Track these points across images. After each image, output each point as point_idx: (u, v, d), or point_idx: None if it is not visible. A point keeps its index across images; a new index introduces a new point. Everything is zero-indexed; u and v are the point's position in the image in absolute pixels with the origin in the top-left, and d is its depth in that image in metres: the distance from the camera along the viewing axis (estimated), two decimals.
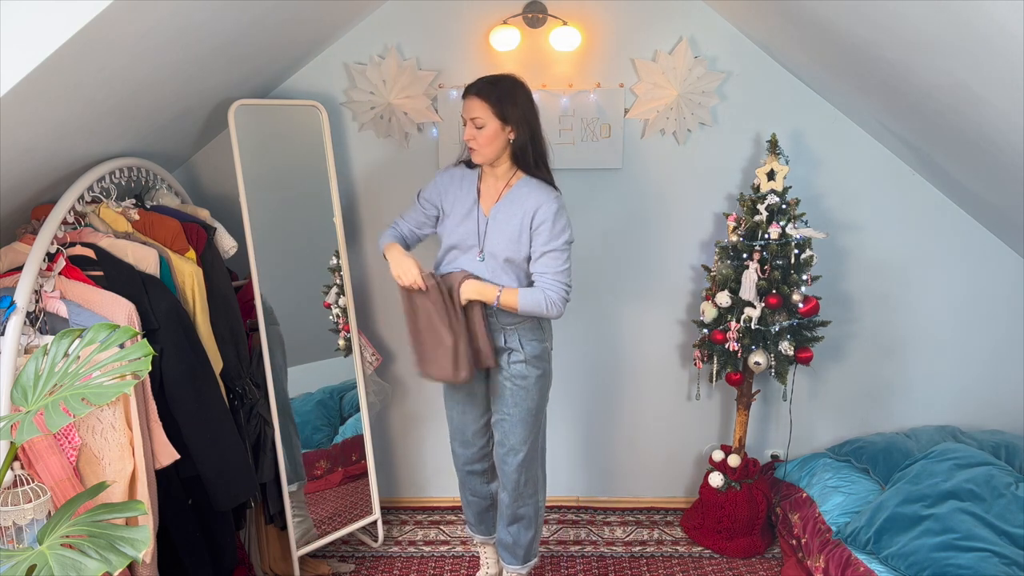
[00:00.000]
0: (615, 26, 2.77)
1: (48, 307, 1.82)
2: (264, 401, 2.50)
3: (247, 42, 2.20)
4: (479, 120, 2.13)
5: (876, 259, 2.95)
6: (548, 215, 2.14)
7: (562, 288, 2.17)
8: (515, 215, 2.17)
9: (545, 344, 2.32)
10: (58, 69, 1.48)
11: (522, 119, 2.14)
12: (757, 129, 2.85)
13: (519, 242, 2.17)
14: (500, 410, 2.34)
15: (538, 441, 2.40)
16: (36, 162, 1.84)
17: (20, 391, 1.43)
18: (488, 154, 2.17)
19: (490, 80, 2.15)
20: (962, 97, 2.04)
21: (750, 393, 2.88)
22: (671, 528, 3.09)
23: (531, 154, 2.18)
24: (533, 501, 2.44)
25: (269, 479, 2.52)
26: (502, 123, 2.13)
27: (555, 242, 2.15)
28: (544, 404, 2.37)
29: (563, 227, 2.16)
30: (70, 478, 1.72)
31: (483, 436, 2.46)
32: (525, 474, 2.38)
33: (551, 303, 2.16)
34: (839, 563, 2.41)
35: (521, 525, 2.47)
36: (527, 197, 2.17)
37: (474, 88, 2.15)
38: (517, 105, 2.13)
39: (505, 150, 2.18)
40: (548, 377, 2.36)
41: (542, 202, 2.15)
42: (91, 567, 1.27)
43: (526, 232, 2.16)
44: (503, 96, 2.12)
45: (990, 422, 3.05)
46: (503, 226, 2.19)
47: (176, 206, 2.43)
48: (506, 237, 2.18)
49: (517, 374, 2.28)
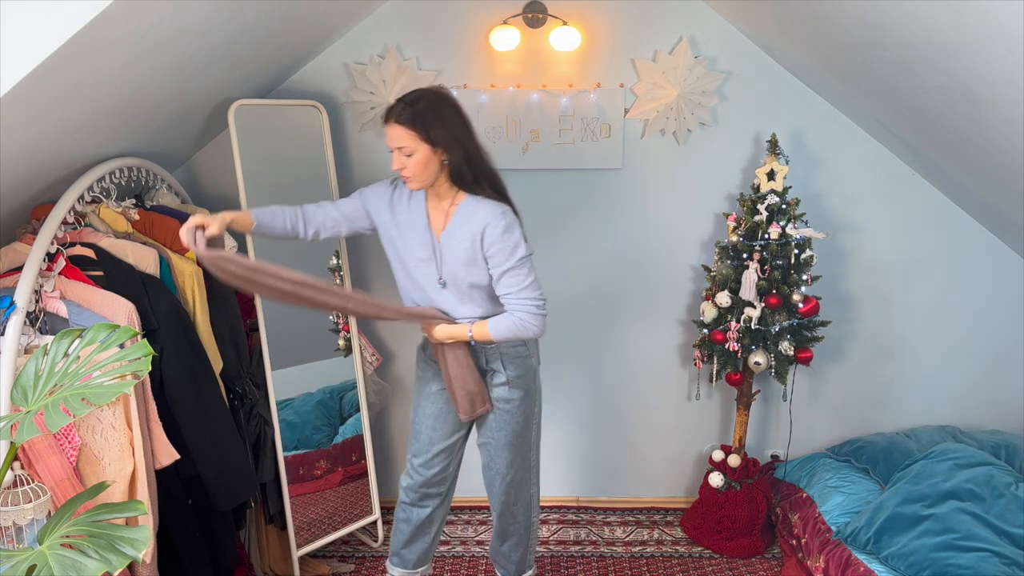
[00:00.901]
0: (615, 26, 2.77)
1: (48, 307, 1.82)
2: (264, 401, 2.50)
3: (247, 42, 2.20)
4: (406, 149, 1.94)
5: (876, 259, 2.95)
6: (496, 235, 1.98)
7: (532, 305, 2.04)
8: (464, 239, 2.02)
9: (529, 361, 2.19)
10: (58, 69, 1.48)
11: (452, 139, 1.95)
12: (757, 129, 2.85)
13: (476, 266, 2.03)
14: (483, 433, 2.25)
15: (528, 460, 2.29)
16: (36, 162, 1.84)
17: (20, 391, 1.43)
18: (424, 180, 1.99)
19: (409, 101, 1.94)
20: (962, 97, 2.04)
21: (750, 393, 2.88)
22: (671, 528, 3.09)
23: (469, 173, 2.00)
24: (525, 519, 2.37)
25: (269, 479, 2.52)
26: (431, 147, 1.94)
27: (511, 260, 2.00)
28: (531, 424, 2.25)
29: (516, 242, 2.00)
30: (70, 478, 1.72)
31: (447, 457, 2.27)
32: (514, 495, 2.30)
33: (525, 325, 2.04)
34: (839, 563, 2.41)
35: (511, 542, 2.41)
36: (472, 219, 2.01)
37: (393, 113, 1.94)
38: (444, 124, 1.93)
39: (442, 171, 2.00)
40: (533, 396, 2.22)
41: (488, 222, 1.98)
42: (91, 567, 1.27)
43: (479, 256, 2.01)
44: (427, 118, 1.91)
45: (990, 422, 3.05)
46: (456, 252, 2.04)
47: (176, 206, 2.43)
48: (462, 263, 2.03)
49: (499, 397, 2.17)
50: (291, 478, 2.61)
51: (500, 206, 2.02)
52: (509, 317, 2.05)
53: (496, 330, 2.05)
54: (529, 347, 2.19)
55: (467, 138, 1.99)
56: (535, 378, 2.22)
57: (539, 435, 2.32)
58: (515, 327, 2.05)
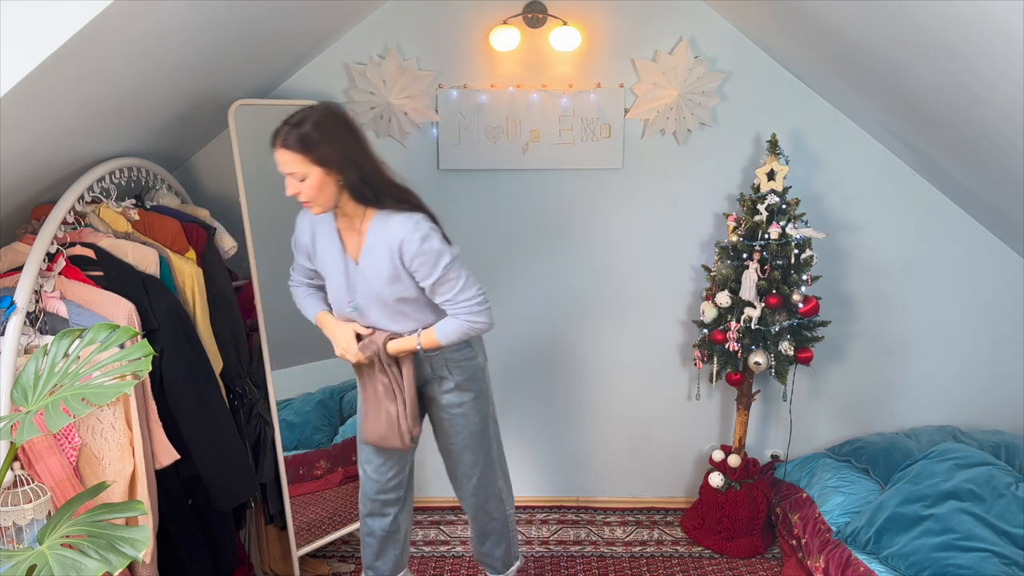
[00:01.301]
0: (615, 26, 2.77)
1: (48, 307, 1.82)
2: (264, 401, 2.50)
3: (247, 42, 2.20)
4: (298, 174, 1.85)
5: (876, 259, 2.95)
6: (414, 249, 1.90)
7: (473, 304, 1.99)
8: (383, 257, 1.94)
9: (476, 361, 2.17)
10: (58, 69, 1.48)
11: (343, 158, 1.85)
12: (757, 129, 2.85)
13: (401, 282, 1.97)
14: (441, 440, 2.24)
15: (491, 456, 2.27)
16: (36, 162, 1.84)
17: (20, 391, 1.43)
18: (324, 203, 1.90)
19: (295, 123, 1.84)
20: (962, 97, 2.04)
21: (750, 393, 2.88)
22: (671, 528, 3.09)
23: (368, 190, 1.91)
24: (500, 514, 2.35)
25: (269, 479, 2.52)
26: (323, 169, 1.84)
27: (437, 271, 1.93)
28: (487, 422, 2.23)
29: (437, 251, 1.92)
30: (70, 478, 1.72)
31: (400, 460, 2.24)
32: (484, 494, 2.29)
33: (472, 325, 2.00)
34: (839, 563, 2.41)
35: (491, 541, 2.40)
36: (386, 235, 1.93)
37: (279, 137, 1.84)
38: (333, 144, 1.83)
39: (342, 192, 1.91)
40: (485, 395, 2.21)
41: (402, 237, 1.90)
42: (91, 567, 1.27)
43: (401, 271, 1.95)
44: (314, 139, 1.81)
45: (990, 422, 3.05)
46: (378, 270, 1.97)
47: (176, 206, 2.43)
48: (385, 280, 1.97)
49: (450, 403, 2.15)
50: (291, 478, 2.61)
51: (411, 216, 1.93)
52: (455, 321, 2.00)
53: (445, 336, 2.01)
54: (474, 348, 2.17)
55: (360, 155, 1.89)
56: (484, 376, 2.21)
57: (497, 429, 2.31)
58: (464, 329, 2.00)
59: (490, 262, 3.00)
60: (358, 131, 1.92)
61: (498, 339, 3.08)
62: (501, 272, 3.01)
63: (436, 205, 2.92)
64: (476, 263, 2.98)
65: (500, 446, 2.34)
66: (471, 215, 2.95)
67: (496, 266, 3.01)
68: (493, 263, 3.00)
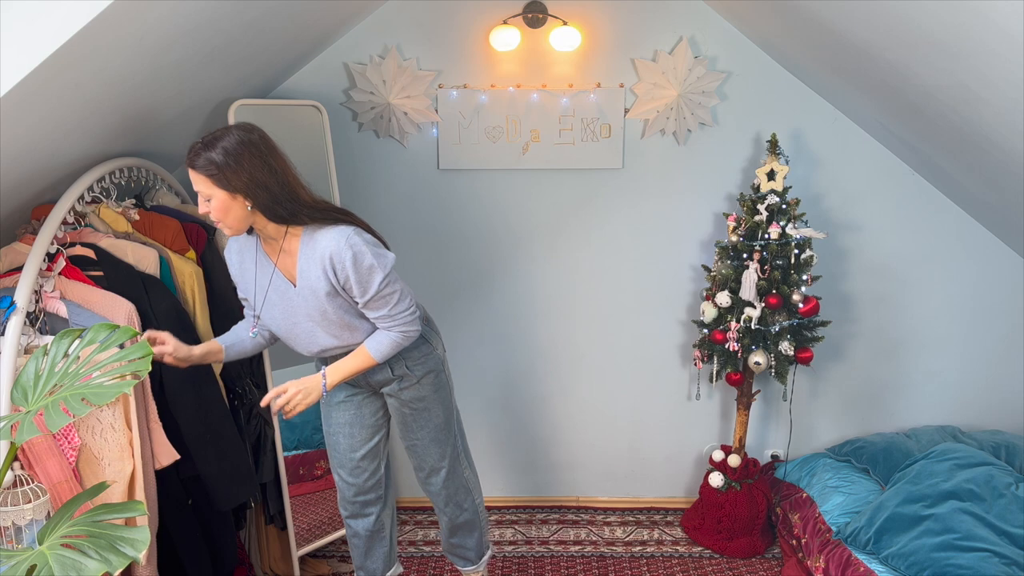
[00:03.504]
0: (615, 26, 2.77)
1: (48, 307, 1.82)
2: None
3: (247, 42, 2.20)
4: (203, 194, 1.81)
5: (876, 259, 2.95)
6: (347, 266, 1.84)
7: (407, 316, 1.95)
8: (319, 276, 1.88)
9: (435, 354, 2.13)
10: (58, 69, 1.48)
11: (251, 183, 1.79)
12: (757, 129, 2.85)
13: (341, 296, 1.91)
14: (407, 437, 2.20)
15: (456, 447, 2.26)
16: (36, 162, 1.84)
17: (20, 391, 1.43)
18: (234, 225, 1.85)
19: (206, 143, 1.79)
20: (962, 97, 2.04)
21: (750, 393, 2.88)
22: (671, 528, 3.09)
23: (283, 210, 1.84)
24: (470, 505, 2.34)
25: (269, 479, 2.52)
26: (229, 194, 1.79)
27: (371, 289, 1.87)
28: (451, 414, 2.21)
29: (369, 268, 1.86)
30: (68, 480, 1.72)
31: (373, 460, 2.23)
32: (454, 485, 2.28)
33: (406, 336, 1.97)
34: (839, 563, 2.41)
35: (462, 533, 2.38)
36: (315, 252, 1.87)
37: (190, 158, 1.81)
38: (239, 170, 1.78)
39: (255, 214, 1.84)
40: (447, 387, 2.18)
41: (331, 253, 1.84)
42: (91, 567, 1.26)
43: (337, 287, 1.88)
44: (219, 164, 1.77)
45: (990, 422, 3.05)
46: (316, 291, 1.89)
47: (176, 206, 2.43)
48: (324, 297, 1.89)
49: (412, 398, 2.11)
50: (291, 478, 2.61)
51: (340, 231, 1.86)
52: (388, 335, 1.96)
53: (380, 352, 1.97)
54: (432, 341, 2.14)
55: (270, 179, 1.82)
56: (444, 368, 2.18)
57: (460, 419, 2.31)
58: (398, 343, 1.97)
59: (490, 262, 3.00)
60: (271, 156, 1.83)
61: (498, 339, 3.09)
62: (501, 272, 3.01)
63: (436, 205, 2.95)
64: (476, 263, 3.00)
65: (464, 437, 2.33)
66: (471, 215, 2.95)
67: (496, 266, 3.01)
68: (493, 263, 3.00)
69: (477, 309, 3.04)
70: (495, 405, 3.15)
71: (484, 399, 3.14)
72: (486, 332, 3.07)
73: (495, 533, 3.04)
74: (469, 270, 3.01)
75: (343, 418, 2.19)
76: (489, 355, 3.10)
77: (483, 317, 3.06)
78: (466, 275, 3.03)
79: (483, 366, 3.11)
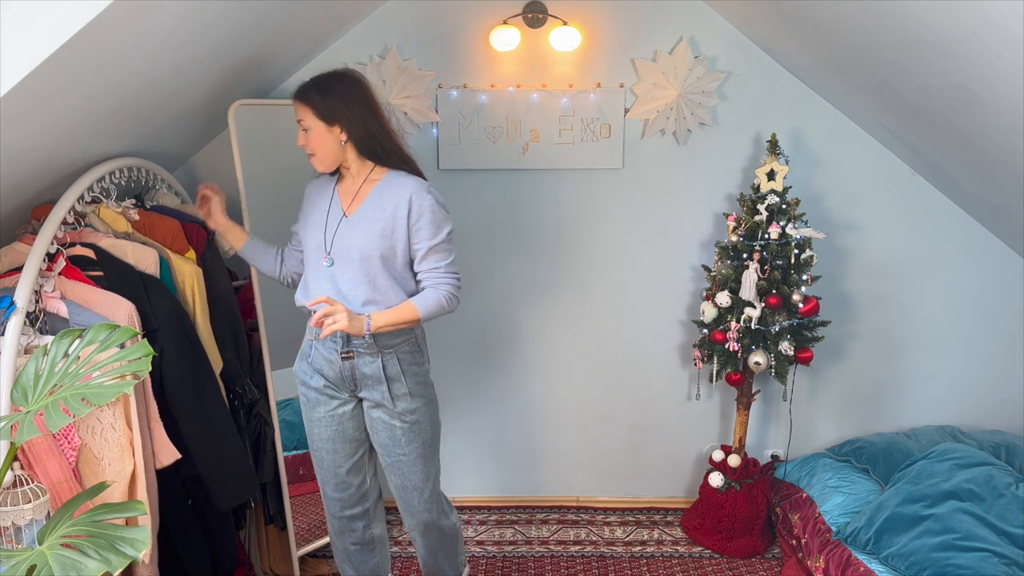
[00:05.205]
0: (615, 26, 2.77)
1: (48, 307, 1.82)
2: (264, 401, 2.50)
3: (247, 42, 2.20)
4: (304, 123, 1.99)
5: (876, 259, 2.95)
6: (425, 207, 1.98)
7: (455, 280, 2.06)
8: (385, 209, 1.99)
9: (425, 367, 2.15)
10: (58, 69, 1.48)
11: (350, 116, 1.96)
12: (757, 129, 2.85)
13: (393, 237, 1.99)
14: (393, 452, 2.13)
15: (438, 466, 2.22)
16: (36, 162, 1.84)
17: (20, 391, 1.43)
18: (324, 158, 2.01)
19: (315, 80, 2.00)
20: (962, 97, 2.04)
21: (750, 393, 2.88)
22: (671, 528, 3.09)
23: (378, 147, 2.01)
24: (451, 527, 2.30)
25: (269, 479, 2.52)
26: (327, 125, 1.97)
27: (439, 235, 2.00)
28: (437, 429, 2.19)
29: (444, 218, 2.02)
30: (68, 480, 1.72)
31: (358, 474, 2.21)
32: (436, 507, 2.22)
33: (451, 300, 2.04)
34: (839, 563, 2.41)
35: (442, 554, 2.34)
36: (395, 189, 2.00)
37: (298, 91, 2.00)
38: (341, 102, 1.95)
39: (345, 151, 2.01)
40: (434, 402, 2.17)
41: (414, 192, 1.98)
42: (91, 567, 1.26)
43: (401, 227, 1.99)
44: (325, 96, 1.96)
45: (990, 422, 3.05)
46: (372, 223, 1.99)
47: (176, 206, 2.43)
48: (377, 233, 1.99)
49: (405, 410, 2.09)
50: (291, 478, 2.61)
51: (422, 182, 2.02)
52: (435, 293, 2.03)
53: (426, 308, 2.02)
54: (423, 352, 2.15)
55: (368, 116, 1.99)
56: (431, 384, 2.18)
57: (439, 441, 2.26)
58: (442, 303, 2.03)
59: (490, 262, 3.00)
60: (369, 97, 2.01)
61: (497, 339, 3.09)
62: (501, 272, 3.01)
63: None
64: (476, 263, 3.00)
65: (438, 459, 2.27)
66: (471, 215, 2.95)
67: (496, 266, 3.01)
68: (493, 263, 3.00)
69: (476, 309, 3.04)
70: (495, 405, 3.15)
71: (484, 399, 3.14)
72: (485, 332, 3.08)
73: (495, 533, 3.04)
74: (469, 270, 3.01)
75: (325, 433, 2.16)
76: (488, 355, 3.10)
77: (482, 317, 3.06)
78: (466, 275, 3.00)
79: (482, 366, 3.11)
